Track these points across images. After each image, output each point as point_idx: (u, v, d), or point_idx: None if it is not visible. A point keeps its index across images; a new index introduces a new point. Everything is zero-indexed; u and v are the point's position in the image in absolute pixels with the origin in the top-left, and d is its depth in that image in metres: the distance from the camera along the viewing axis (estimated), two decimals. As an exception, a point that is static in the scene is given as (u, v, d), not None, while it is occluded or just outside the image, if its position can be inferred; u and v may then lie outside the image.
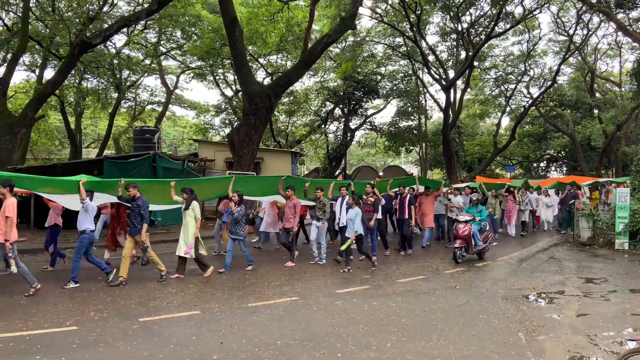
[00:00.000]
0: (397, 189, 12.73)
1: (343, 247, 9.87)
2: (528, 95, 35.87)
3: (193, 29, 27.22)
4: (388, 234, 13.36)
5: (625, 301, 7.67)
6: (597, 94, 35.42)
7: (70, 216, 10.39)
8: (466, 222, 10.74)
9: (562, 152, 40.84)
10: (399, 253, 12.11)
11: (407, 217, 11.81)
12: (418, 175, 15.08)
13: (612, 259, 11.56)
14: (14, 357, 5.12)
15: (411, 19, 25.86)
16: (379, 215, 11.36)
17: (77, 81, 27.17)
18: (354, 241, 9.66)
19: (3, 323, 6.21)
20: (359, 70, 30.45)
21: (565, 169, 42.51)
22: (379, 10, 28.46)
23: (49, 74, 26.59)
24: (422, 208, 13.13)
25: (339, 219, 11.26)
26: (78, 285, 8.24)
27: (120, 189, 8.94)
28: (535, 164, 44.85)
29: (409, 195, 12.05)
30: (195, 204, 9.22)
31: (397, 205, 12.36)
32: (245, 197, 10.26)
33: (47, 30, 20.69)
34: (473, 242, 10.67)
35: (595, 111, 35.09)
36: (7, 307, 7.05)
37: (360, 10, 22.83)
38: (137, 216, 8.60)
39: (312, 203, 11.65)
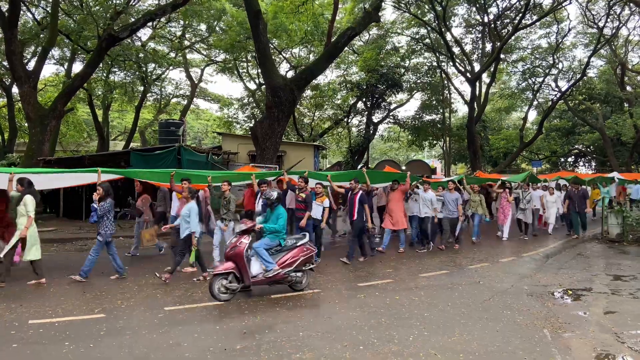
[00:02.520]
0: (350, 184, 10.55)
1: (191, 259, 8.15)
2: (556, 89, 35.03)
3: (217, 23, 27.41)
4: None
5: (655, 300, 7.48)
6: (628, 88, 34.37)
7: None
8: (242, 233, 7.33)
9: (591, 147, 39.80)
10: (348, 260, 10.04)
11: (356, 217, 10.00)
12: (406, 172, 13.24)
13: (642, 257, 11.26)
14: (44, 343, 5.28)
15: (437, 10, 25.51)
16: (318, 214, 10.02)
17: (104, 74, 27.67)
18: (196, 246, 8.00)
19: (34, 310, 6.41)
20: (383, 63, 30.20)
21: (594, 164, 41.49)
22: (403, 2, 28.14)
23: (77, 67, 27.27)
24: (389, 206, 11.52)
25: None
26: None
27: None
28: (562, 159, 43.85)
29: (360, 191, 10.22)
30: (28, 199, 7.74)
31: (348, 203, 10.59)
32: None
33: (76, 25, 21.08)
34: (248, 267, 7.11)
35: (626, 105, 34.09)
36: (38, 295, 7.27)
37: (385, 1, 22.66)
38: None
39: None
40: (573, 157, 43.79)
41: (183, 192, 8.82)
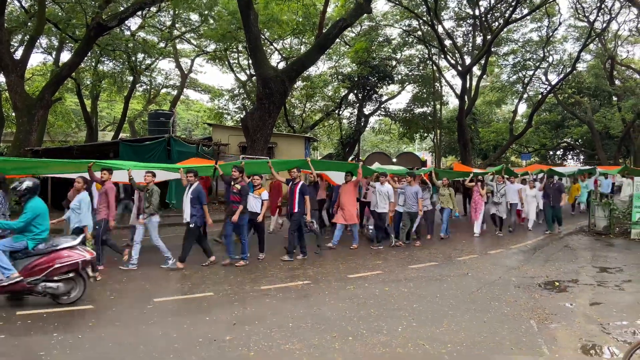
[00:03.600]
0: (290, 173, 9.82)
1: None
2: (546, 82, 35.25)
3: (208, 12, 27.10)
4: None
5: (639, 291, 7.59)
6: (617, 82, 34.66)
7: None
8: None
9: (580, 141, 40.20)
10: (289, 258, 9.44)
11: (297, 209, 9.41)
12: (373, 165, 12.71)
13: (627, 249, 11.41)
14: (32, 334, 5.26)
15: (428, 3, 25.46)
16: (257, 208, 9.26)
17: (93, 64, 27.32)
18: (91, 240, 7.70)
19: (22, 302, 6.36)
20: (374, 55, 30.14)
21: (582, 157, 41.89)
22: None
23: (65, 56, 26.83)
24: (340, 200, 10.94)
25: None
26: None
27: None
28: (551, 152, 44.24)
29: (301, 182, 9.66)
30: None
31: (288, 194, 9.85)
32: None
33: (64, 13, 20.76)
34: None
35: (615, 99, 34.39)
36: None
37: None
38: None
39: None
40: (562, 150, 44.20)
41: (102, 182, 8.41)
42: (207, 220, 8.80)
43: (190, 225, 8.54)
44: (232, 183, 9.04)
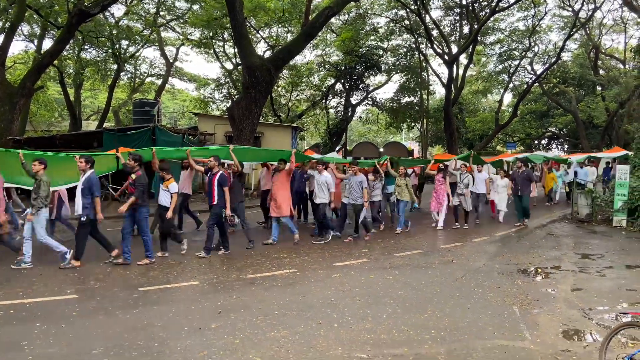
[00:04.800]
0: (208, 162, 8.97)
1: None
2: (532, 72, 35.50)
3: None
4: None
5: (620, 277, 7.73)
6: (601, 71, 35.03)
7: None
8: None
9: (564, 130, 40.63)
10: (206, 254, 8.61)
11: (216, 202, 8.59)
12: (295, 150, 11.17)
13: (609, 236, 11.60)
14: (15, 324, 5.20)
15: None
16: (166, 201, 8.42)
17: (76, 52, 26.85)
18: None
19: (4, 292, 6.30)
20: (361, 44, 30.06)
21: (566, 146, 42.38)
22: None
23: (48, 44, 26.32)
24: (272, 190, 10.04)
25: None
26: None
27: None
28: (536, 141, 44.69)
29: (220, 171, 8.72)
30: None
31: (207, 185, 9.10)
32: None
33: (45, -1, 20.39)
34: None
35: (599, 89, 34.77)
36: (10, 275, 7.13)
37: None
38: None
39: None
40: (547, 139, 44.66)
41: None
42: (97, 214, 7.74)
43: (82, 219, 7.64)
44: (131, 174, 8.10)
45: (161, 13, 29.05)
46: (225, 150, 9.75)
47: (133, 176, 8.02)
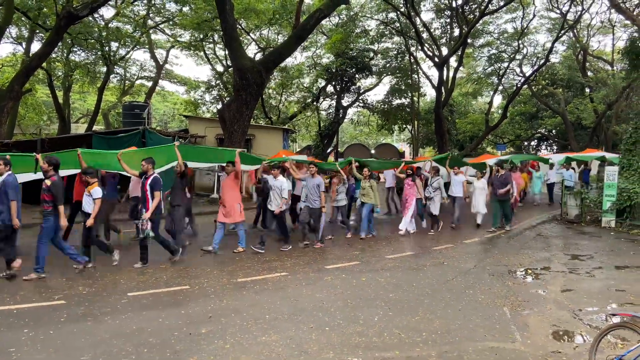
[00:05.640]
0: (142, 164, 8.19)
1: None
2: (521, 74, 35.77)
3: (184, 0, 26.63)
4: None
5: (610, 277, 7.79)
6: (589, 73, 35.38)
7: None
8: None
9: (553, 131, 40.99)
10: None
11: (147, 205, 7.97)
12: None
13: (598, 237, 11.70)
14: (2, 330, 5.13)
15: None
16: (88, 208, 7.71)
17: (65, 54, 26.61)
18: None
19: (-9, 297, 6.21)
20: (352, 46, 30.09)
21: (555, 147, 42.73)
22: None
23: (36, 47, 26.17)
24: (221, 195, 9.34)
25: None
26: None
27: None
28: (526, 143, 45.05)
29: (153, 174, 8.06)
30: None
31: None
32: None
33: (34, 2, 20.17)
34: None
35: (587, 90, 35.12)
36: (-5, 281, 7.03)
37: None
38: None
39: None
40: (536, 140, 45.04)
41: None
42: (13, 221, 7.03)
43: None
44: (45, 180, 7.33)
45: (151, 15, 28.91)
46: (170, 149, 8.96)
47: (48, 182, 7.18)
